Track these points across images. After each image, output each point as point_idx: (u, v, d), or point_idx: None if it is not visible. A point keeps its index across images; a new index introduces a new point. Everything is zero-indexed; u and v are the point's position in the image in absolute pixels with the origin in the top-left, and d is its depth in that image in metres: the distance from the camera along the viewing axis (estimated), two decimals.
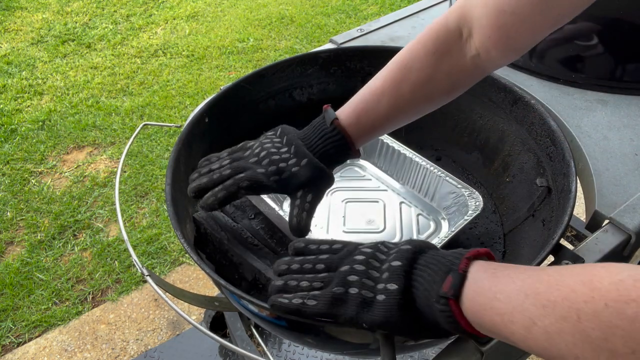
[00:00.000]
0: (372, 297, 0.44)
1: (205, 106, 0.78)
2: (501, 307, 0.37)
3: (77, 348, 1.42)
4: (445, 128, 0.90)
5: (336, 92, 0.92)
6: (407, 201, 0.84)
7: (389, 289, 0.44)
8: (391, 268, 0.45)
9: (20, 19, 2.91)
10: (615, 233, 0.63)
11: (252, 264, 0.65)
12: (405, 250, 0.46)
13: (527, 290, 0.36)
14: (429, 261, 0.44)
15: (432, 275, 0.43)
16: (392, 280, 0.44)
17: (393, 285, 0.44)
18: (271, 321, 0.58)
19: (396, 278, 0.44)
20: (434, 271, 0.43)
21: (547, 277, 0.36)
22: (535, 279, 0.37)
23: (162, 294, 0.63)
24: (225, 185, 0.59)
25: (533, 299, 0.35)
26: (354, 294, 0.45)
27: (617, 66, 0.86)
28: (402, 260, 0.45)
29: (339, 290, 0.46)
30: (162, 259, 1.62)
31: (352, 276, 0.46)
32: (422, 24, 1.07)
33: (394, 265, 0.45)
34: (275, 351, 1.30)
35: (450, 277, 0.41)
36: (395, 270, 0.44)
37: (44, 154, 2.04)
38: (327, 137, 0.61)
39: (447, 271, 0.42)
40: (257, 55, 2.57)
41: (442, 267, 0.43)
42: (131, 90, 2.35)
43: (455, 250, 0.44)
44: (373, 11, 2.88)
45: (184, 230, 0.66)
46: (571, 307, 0.33)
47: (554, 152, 0.68)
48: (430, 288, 0.42)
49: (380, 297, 0.44)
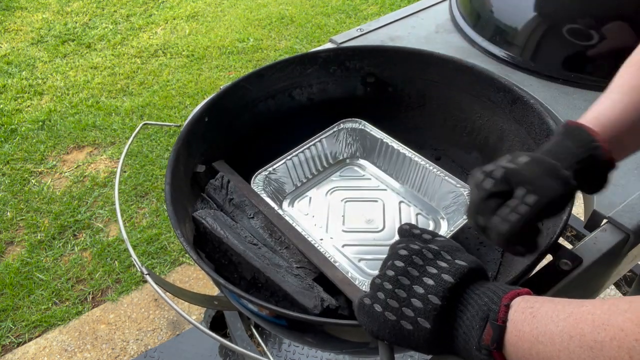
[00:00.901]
0: (395, 320, 0.42)
1: (205, 106, 0.78)
2: (545, 350, 0.36)
3: (77, 348, 1.42)
4: (445, 128, 0.90)
5: (336, 91, 0.92)
6: (407, 200, 0.84)
7: (419, 323, 0.41)
8: (427, 302, 0.41)
9: (20, 19, 2.91)
10: (613, 232, 0.63)
11: (251, 263, 0.65)
12: (445, 281, 0.42)
13: (570, 331, 0.35)
14: (467, 301, 0.41)
15: (470, 320, 0.40)
16: (423, 316, 0.41)
17: (425, 322, 0.41)
18: (271, 320, 0.58)
19: (429, 315, 0.41)
20: (471, 314, 0.41)
21: (591, 316, 0.35)
22: (577, 318, 0.35)
23: (161, 293, 0.63)
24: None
25: (578, 341, 0.34)
26: (377, 311, 0.43)
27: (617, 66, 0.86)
28: (439, 297, 0.41)
29: (364, 301, 0.44)
30: (162, 259, 1.62)
31: (380, 293, 0.43)
32: (422, 23, 1.07)
33: (431, 301, 0.41)
34: (275, 351, 1.30)
35: (490, 329, 0.39)
36: (428, 308, 0.41)
37: (44, 154, 2.04)
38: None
39: (484, 317, 0.40)
40: (257, 55, 2.57)
41: (479, 312, 0.40)
42: (131, 90, 2.35)
43: (493, 288, 0.41)
44: (373, 11, 2.88)
45: (184, 229, 0.66)
46: (621, 346, 0.32)
47: None
48: (469, 334, 0.40)
49: (407, 326, 0.42)
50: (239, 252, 0.67)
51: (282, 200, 0.86)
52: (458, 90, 0.84)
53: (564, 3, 0.88)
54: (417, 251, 0.45)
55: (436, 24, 1.07)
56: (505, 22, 0.95)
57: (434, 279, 0.42)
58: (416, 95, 0.90)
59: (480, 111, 0.83)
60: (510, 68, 0.93)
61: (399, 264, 0.44)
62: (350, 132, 0.90)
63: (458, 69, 0.82)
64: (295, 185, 0.88)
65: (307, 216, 0.83)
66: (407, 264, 0.44)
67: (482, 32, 0.98)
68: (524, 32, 0.92)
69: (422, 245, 0.46)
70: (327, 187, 0.88)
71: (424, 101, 0.90)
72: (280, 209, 0.83)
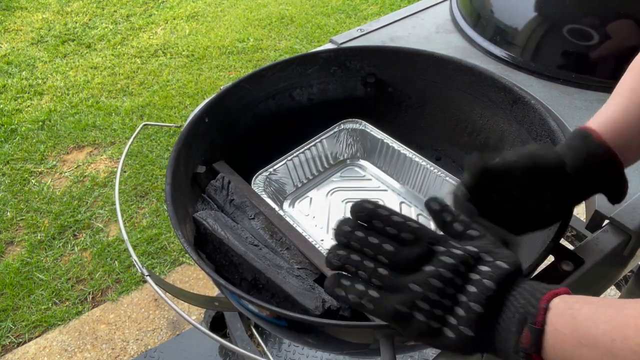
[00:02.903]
0: (438, 327, 0.41)
1: (205, 106, 0.78)
2: (588, 354, 0.36)
3: (77, 348, 1.42)
4: (445, 128, 0.90)
5: (336, 92, 0.92)
6: (407, 201, 0.84)
7: (461, 331, 0.40)
8: (470, 310, 0.40)
9: (20, 19, 2.91)
10: (615, 233, 0.63)
11: (252, 264, 0.65)
12: (487, 288, 0.41)
13: (613, 334, 0.35)
14: (505, 304, 0.41)
15: (507, 322, 0.40)
16: (465, 324, 0.40)
17: (468, 330, 0.40)
18: (271, 321, 0.58)
19: (472, 323, 0.40)
20: (508, 317, 0.40)
21: (634, 319, 0.35)
22: (620, 321, 0.35)
23: (162, 294, 0.63)
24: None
25: (621, 344, 0.34)
26: (419, 320, 0.41)
27: (617, 66, 0.86)
28: (482, 304, 0.40)
29: (402, 309, 0.41)
30: (162, 259, 1.62)
31: (422, 303, 0.41)
32: (422, 24, 1.07)
33: (474, 309, 0.40)
34: (275, 351, 1.30)
35: (528, 332, 0.38)
36: (471, 317, 0.40)
37: (44, 154, 2.04)
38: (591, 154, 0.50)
39: (522, 320, 0.39)
40: (257, 55, 2.57)
41: (516, 314, 0.39)
42: (131, 90, 2.35)
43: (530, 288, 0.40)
44: (373, 11, 2.88)
45: (184, 230, 0.66)
46: None
47: None
48: (506, 336, 0.40)
49: (449, 334, 0.41)
50: (240, 253, 0.67)
51: (282, 201, 0.86)
52: (458, 90, 0.84)
53: (564, 3, 0.88)
54: (462, 257, 0.42)
55: (436, 24, 1.07)
56: (505, 22, 0.94)
57: (476, 286, 0.41)
58: (416, 95, 0.90)
59: (481, 111, 0.83)
60: (510, 68, 0.93)
61: (446, 275, 0.42)
62: (351, 132, 0.90)
63: (458, 69, 0.82)
64: (295, 185, 0.88)
65: (307, 217, 0.83)
66: (448, 268, 0.42)
67: (482, 32, 0.98)
68: (524, 32, 0.92)
69: (464, 251, 0.43)
70: (327, 188, 0.88)
71: (424, 101, 0.90)
72: (280, 209, 0.83)
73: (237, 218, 0.76)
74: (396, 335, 0.47)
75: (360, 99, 0.92)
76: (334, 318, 0.60)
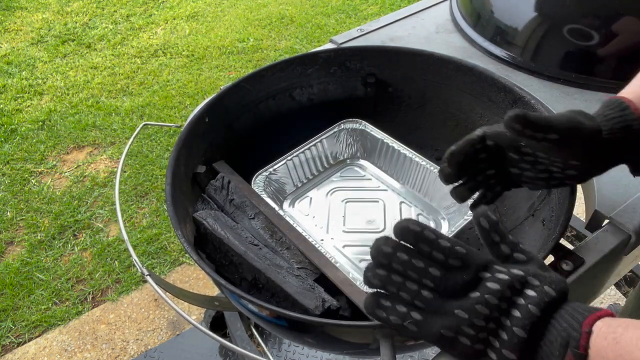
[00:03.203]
0: (482, 349, 0.41)
1: (205, 106, 0.78)
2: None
3: (77, 348, 1.42)
4: (445, 128, 0.90)
5: (336, 92, 0.92)
6: (407, 201, 0.84)
7: (504, 355, 0.40)
8: (514, 335, 0.40)
9: (20, 19, 2.91)
10: (615, 233, 0.63)
11: (252, 263, 0.65)
12: (531, 314, 0.40)
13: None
14: (547, 328, 0.40)
15: (549, 346, 0.40)
16: (508, 348, 0.40)
17: (510, 354, 0.40)
18: (271, 321, 0.58)
19: (515, 347, 0.40)
20: (550, 340, 0.40)
21: None
22: None
23: (162, 293, 0.63)
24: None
25: None
26: (464, 344, 0.41)
27: (617, 66, 0.86)
28: (525, 330, 0.40)
29: (447, 333, 0.41)
30: (162, 259, 1.62)
31: (468, 328, 0.41)
32: (422, 24, 1.07)
33: (517, 334, 0.40)
34: (275, 351, 1.30)
35: (571, 356, 0.38)
36: (514, 342, 0.40)
37: (44, 154, 2.04)
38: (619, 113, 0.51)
39: (564, 344, 0.39)
40: (257, 55, 2.57)
41: (558, 337, 0.39)
42: (131, 90, 2.35)
43: (572, 312, 0.40)
44: (373, 11, 2.88)
45: (184, 230, 0.66)
46: None
47: None
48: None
49: (492, 356, 0.41)
50: (240, 252, 0.67)
51: (282, 201, 0.86)
52: (458, 90, 0.84)
53: (564, 3, 0.88)
54: (508, 283, 0.42)
55: (436, 24, 1.07)
56: (505, 22, 0.94)
57: (520, 311, 0.41)
58: (416, 95, 0.90)
59: (481, 111, 0.83)
60: (510, 68, 0.93)
61: (492, 301, 0.41)
62: (351, 132, 0.90)
63: (458, 69, 0.82)
64: (295, 185, 0.88)
65: (307, 217, 0.83)
66: (500, 299, 0.41)
67: (482, 32, 0.98)
68: (524, 32, 0.92)
69: (510, 275, 0.42)
70: (327, 188, 0.88)
71: (424, 101, 0.90)
72: (280, 209, 0.83)
73: (237, 218, 0.76)
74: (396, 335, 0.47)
75: (360, 99, 0.92)
76: (334, 318, 0.60)
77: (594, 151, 0.51)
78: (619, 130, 0.50)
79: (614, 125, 0.51)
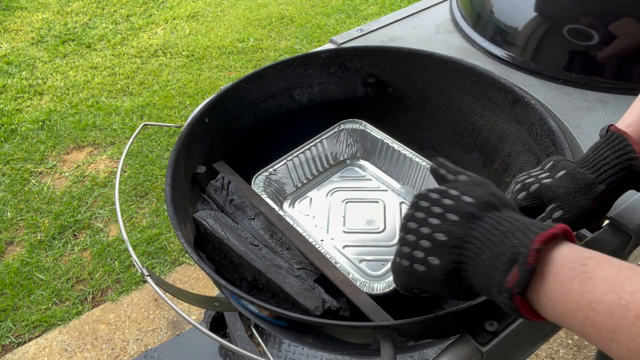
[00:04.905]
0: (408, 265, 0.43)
1: (205, 106, 0.78)
2: (597, 320, 0.33)
3: (77, 348, 1.42)
4: (445, 128, 0.90)
5: (336, 92, 0.92)
6: (407, 201, 0.84)
7: (430, 263, 0.41)
8: (435, 241, 0.41)
9: (20, 19, 2.91)
10: (615, 233, 0.63)
11: (252, 264, 0.65)
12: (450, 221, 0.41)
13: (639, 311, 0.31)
14: (490, 233, 0.39)
15: (492, 260, 0.38)
16: (434, 254, 0.41)
17: (434, 260, 0.41)
18: (271, 321, 0.58)
19: (439, 252, 0.41)
20: (494, 253, 0.38)
21: None
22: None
23: (162, 294, 0.63)
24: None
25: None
26: (396, 262, 0.45)
27: (617, 66, 0.86)
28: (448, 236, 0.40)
29: (395, 260, 0.46)
30: (162, 259, 1.62)
31: (405, 247, 0.44)
32: (422, 24, 1.07)
33: (437, 239, 0.41)
34: (275, 351, 1.30)
35: (516, 272, 0.36)
36: (439, 246, 0.41)
37: (44, 154, 2.04)
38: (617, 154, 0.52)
39: (511, 259, 0.37)
40: (257, 55, 2.56)
41: (506, 252, 0.37)
42: (131, 90, 2.35)
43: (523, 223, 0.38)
44: (373, 11, 2.88)
45: (184, 230, 0.66)
46: None
47: (554, 152, 0.68)
48: (490, 274, 0.38)
49: (420, 268, 0.42)
50: (240, 253, 0.67)
51: (282, 201, 0.86)
52: (458, 90, 0.84)
53: (564, 3, 0.88)
54: (423, 196, 0.45)
55: (436, 24, 1.07)
56: (505, 23, 0.94)
57: (439, 218, 0.42)
58: (416, 95, 0.90)
59: (481, 112, 0.83)
60: (510, 68, 0.93)
61: (408, 211, 0.45)
62: (351, 132, 0.90)
63: (458, 69, 0.82)
64: (295, 186, 0.88)
65: (307, 217, 0.83)
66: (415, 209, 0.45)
67: (482, 32, 0.98)
68: (524, 33, 0.92)
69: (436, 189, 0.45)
70: (327, 188, 0.88)
71: (424, 101, 0.90)
72: (280, 209, 0.83)
73: (237, 218, 0.76)
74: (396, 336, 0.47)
75: (360, 99, 0.92)
76: (334, 318, 0.60)
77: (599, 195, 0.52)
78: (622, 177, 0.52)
79: (614, 170, 0.52)
